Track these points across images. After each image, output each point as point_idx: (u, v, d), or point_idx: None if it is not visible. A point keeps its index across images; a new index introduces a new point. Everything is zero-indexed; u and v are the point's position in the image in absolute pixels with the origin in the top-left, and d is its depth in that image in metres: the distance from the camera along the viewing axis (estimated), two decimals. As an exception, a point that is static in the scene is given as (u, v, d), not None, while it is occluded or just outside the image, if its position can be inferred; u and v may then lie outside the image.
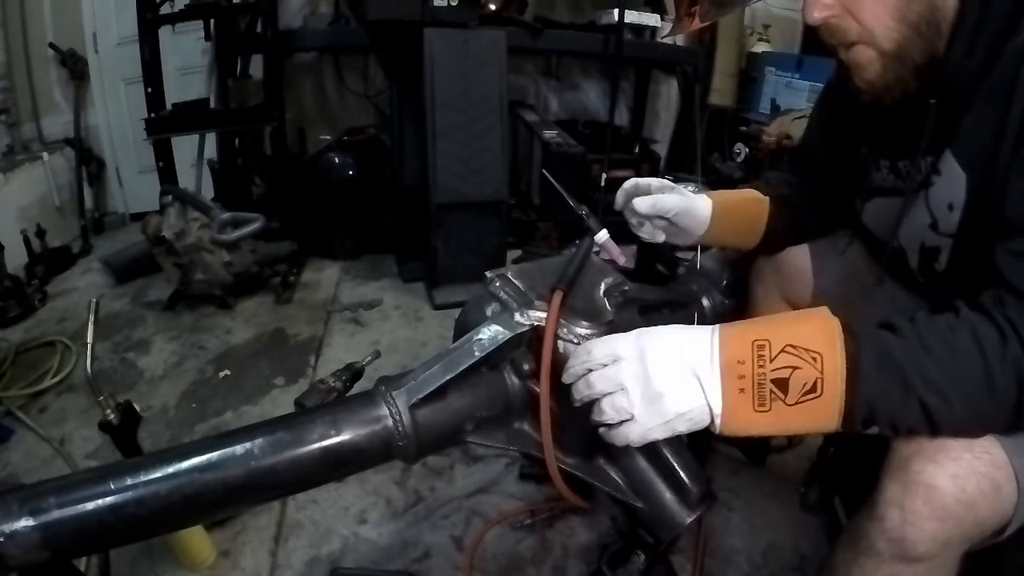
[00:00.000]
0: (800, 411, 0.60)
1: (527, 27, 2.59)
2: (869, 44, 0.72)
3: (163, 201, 2.05)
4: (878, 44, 0.71)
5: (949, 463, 0.61)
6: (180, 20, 2.45)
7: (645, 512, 0.79)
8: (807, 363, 0.59)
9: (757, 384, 0.60)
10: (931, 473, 0.62)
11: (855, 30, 0.71)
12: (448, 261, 2.21)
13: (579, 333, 0.72)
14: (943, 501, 0.61)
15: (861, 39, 0.72)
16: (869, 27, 0.70)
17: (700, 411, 0.62)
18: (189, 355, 1.89)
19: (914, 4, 0.68)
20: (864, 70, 0.74)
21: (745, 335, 0.62)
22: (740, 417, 0.62)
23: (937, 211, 0.78)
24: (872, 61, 0.73)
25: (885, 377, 0.59)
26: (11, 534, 0.51)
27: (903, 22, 0.69)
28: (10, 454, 1.45)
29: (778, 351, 0.60)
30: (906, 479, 0.63)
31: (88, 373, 0.95)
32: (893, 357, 0.59)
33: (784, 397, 0.60)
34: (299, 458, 0.63)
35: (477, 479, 1.38)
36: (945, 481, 0.61)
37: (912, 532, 0.62)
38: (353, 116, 3.05)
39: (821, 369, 0.59)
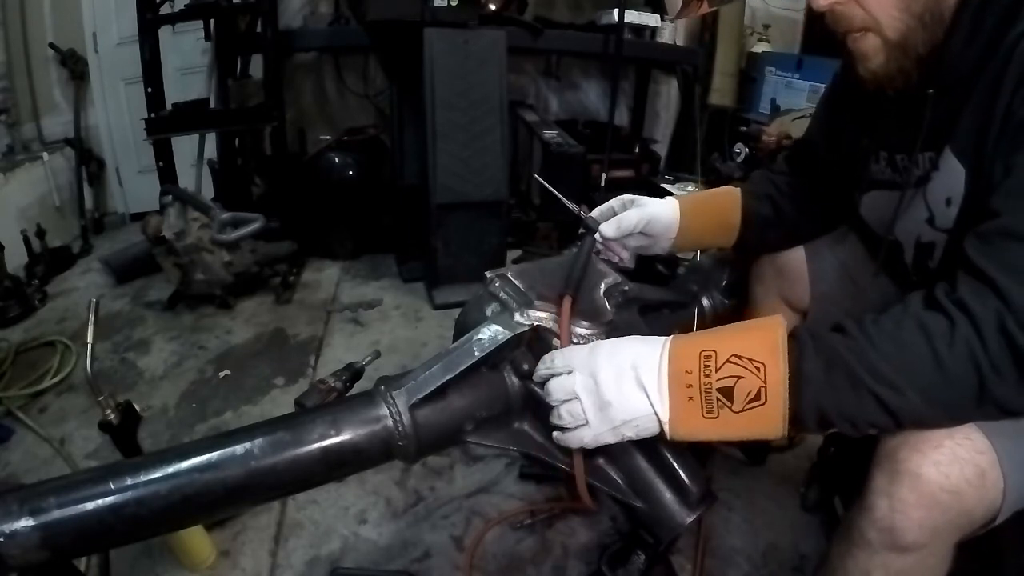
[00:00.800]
0: (746, 418, 0.62)
1: (527, 27, 2.59)
2: (874, 32, 0.72)
3: (163, 201, 2.05)
4: (883, 33, 0.71)
5: (932, 451, 0.62)
6: (180, 20, 2.45)
7: (645, 512, 0.79)
8: (751, 372, 0.62)
9: (704, 393, 0.63)
10: (916, 462, 0.63)
11: (860, 17, 0.71)
12: (448, 261, 2.21)
13: (579, 333, 0.72)
14: (928, 489, 0.62)
15: (866, 27, 0.72)
16: (874, 15, 0.70)
17: (647, 419, 0.66)
18: (189, 355, 1.89)
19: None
20: (868, 59, 0.74)
21: (693, 346, 0.66)
22: (688, 424, 0.65)
23: (935, 206, 0.78)
24: (876, 50, 0.73)
25: (833, 377, 0.61)
26: (11, 534, 0.51)
27: (907, 12, 0.69)
28: (10, 454, 1.45)
29: (723, 361, 0.63)
30: (892, 468, 0.64)
31: (88, 373, 0.95)
32: (839, 356, 0.61)
33: (730, 405, 0.63)
34: (299, 458, 0.63)
35: (477, 479, 1.38)
36: (929, 469, 0.62)
37: (901, 520, 0.63)
38: (353, 116, 3.05)
39: (764, 378, 0.61)
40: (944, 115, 0.74)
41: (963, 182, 0.73)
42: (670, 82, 3.50)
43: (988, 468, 0.62)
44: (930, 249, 0.82)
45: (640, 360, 0.66)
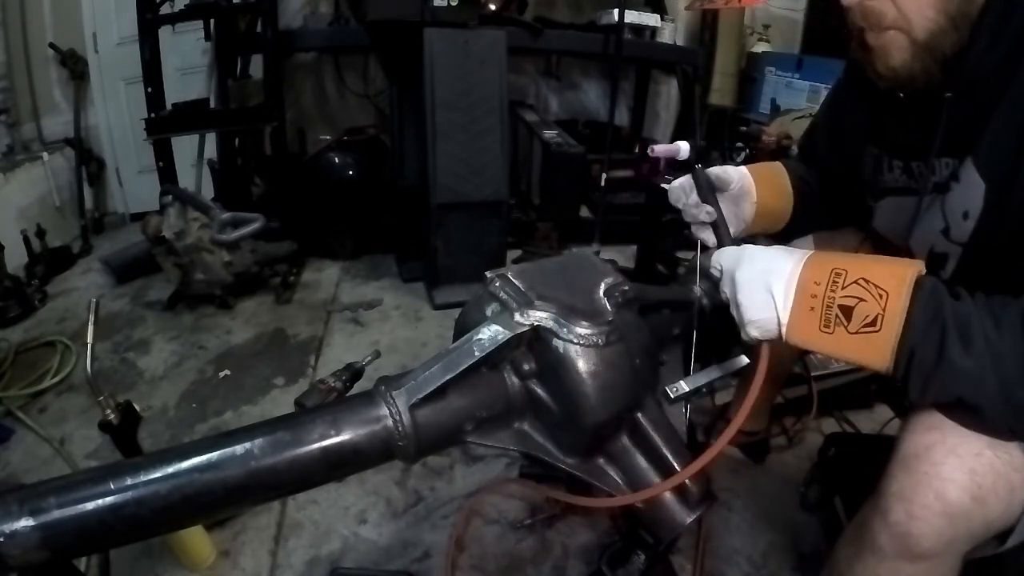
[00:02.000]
0: (859, 341, 0.62)
1: (527, 27, 2.58)
2: (902, 31, 0.70)
3: (163, 201, 2.05)
4: (912, 32, 0.69)
5: (971, 458, 0.60)
6: (180, 20, 2.45)
7: (645, 512, 0.79)
8: (873, 298, 0.62)
9: (825, 307, 0.64)
10: (951, 466, 0.61)
11: (892, 16, 0.69)
12: (448, 261, 2.21)
13: (579, 333, 0.72)
14: (957, 496, 0.60)
15: (896, 25, 0.70)
16: (907, 14, 0.68)
17: (769, 321, 0.68)
18: (189, 355, 1.89)
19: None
20: (891, 56, 0.72)
21: (828, 262, 0.66)
22: (804, 332, 0.66)
23: (951, 217, 0.77)
24: (902, 48, 0.71)
25: (931, 330, 0.59)
26: (11, 534, 0.51)
27: (943, 12, 0.67)
28: (10, 454, 1.45)
29: (851, 282, 0.63)
30: (920, 470, 0.62)
31: (88, 373, 0.95)
32: (943, 308, 0.60)
33: (847, 324, 0.63)
34: (299, 458, 0.63)
35: (477, 479, 1.38)
36: (963, 476, 0.60)
37: (919, 527, 0.62)
38: (353, 116, 3.05)
39: (884, 306, 0.61)
40: (964, 120, 0.72)
41: (982, 197, 0.71)
42: (670, 82, 3.49)
43: (1019, 487, 0.61)
44: (943, 260, 0.80)
45: (774, 267, 0.68)
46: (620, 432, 0.80)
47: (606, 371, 0.72)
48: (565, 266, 0.88)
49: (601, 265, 0.89)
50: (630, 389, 0.75)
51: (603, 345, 0.72)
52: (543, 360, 0.74)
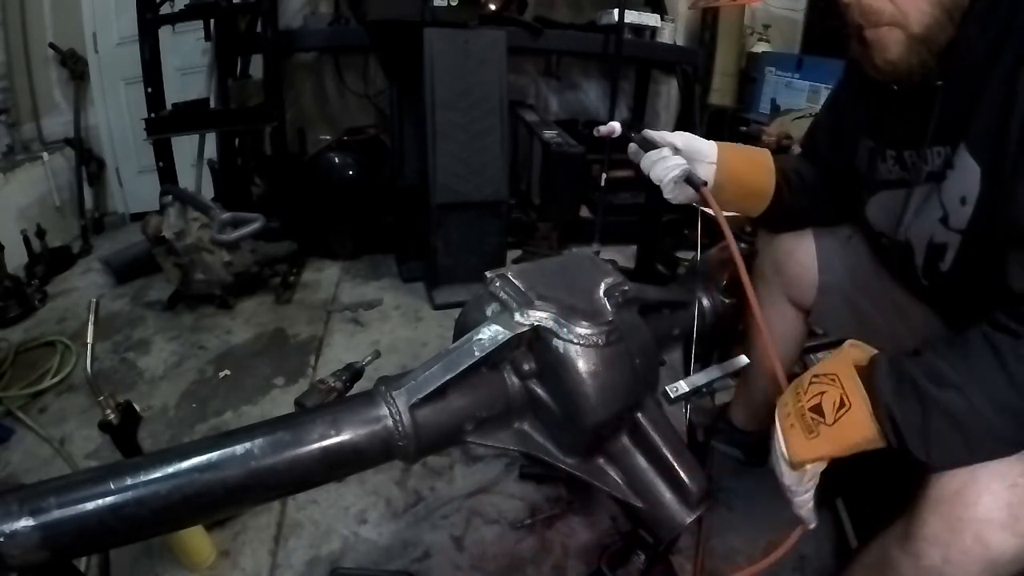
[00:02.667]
0: (841, 427, 0.65)
1: (527, 27, 2.58)
2: (899, 26, 0.70)
3: (163, 201, 2.05)
4: (908, 26, 0.70)
5: (1005, 492, 0.59)
6: (180, 20, 2.45)
7: (645, 512, 0.79)
8: (829, 384, 0.67)
9: (799, 416, 0.69)
10: (986, 505, 0.59)
11: (889, 12, 0.70)
12: (448, 261, 2.21)
13: (579, 333, 0.72)
14: (998, 538, 0.58)
15: (894, 21, 0.70)
16: (903, 9, 0.69)
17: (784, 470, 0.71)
18: (189, 355, 1.89)
19: None
20: (888, 50, 0.73)
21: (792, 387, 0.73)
22: (800, 450, 0.69)
23: (949, 204, 0.77)
24: (899, 42, 0.72)
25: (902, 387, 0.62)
26: (11, 534, 0.51)
27: (938, 5, 0.68)
28: (10, 454, 1.45)
29: (808, 383, 0.70)
30: (953, 514, 0.60)
31: (88, 373, 0.95)
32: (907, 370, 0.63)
33: (823, 419, 0.67)
34: (299, 458, 0.63)
35: (477, 479, 1.38)
36: (1000, 513, 0.58)
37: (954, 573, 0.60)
38: (353, 116, 3.05)
39: (841, 385, 0.66)
40: (956, 108, 0.72)
41: (978, 181, 0.71)
42: (670, 82, 3.49)
43: None
44: (942, 251, 0.80)
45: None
46: (620, 432, 0.80)
47: (606, 371, 0.72)
48: (565, 266, 0.88)
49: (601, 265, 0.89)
50: (630, 389, 0.76)
51: (603, 345, 0.72)
52: (543, 360, 0.74)
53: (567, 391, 0.72)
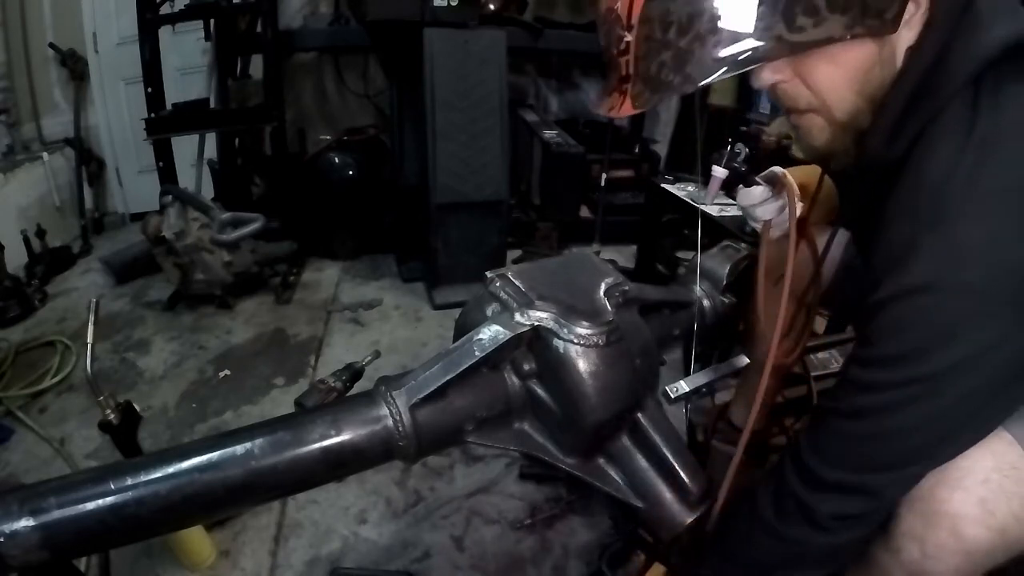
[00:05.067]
0: None
1: (527, 27, 2.59)
2: (819, 113, 0.67)
3: (163, 201, 2.05)
4: (831, 114, 0.66)
5: (978, 487, 0.59)
6: (180, 20, 2.45)
7: (645, 512, 0.79)
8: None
9: None
10: (959, 500, 0.60)
11: (806, 98, 0.65)
12: (448, 261, 2.21)
13: (579, 333, 0.72)
14: (971, 532, 0.59)
15: (812, 107, 0.66)
16: (822, 96, 0.65)
17: None
18: (189, 355, 1.89)
19: (872, 76, 0.63)
20: (812, 136, 0.69)
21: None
22: None
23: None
24: (822, 129, 0.68)
25: None
26: (11, 534, 0.51)
27: (860, 93, 0.64)
28: (10, 454, 1.45)
29: None
30: (928, 510, 0.61)
31: (88, 373, 0.95)
32: None
33: None
34: (299, 458, 0.63)
35: (477, 479, 1.38)
36: (973, 509, 0.59)
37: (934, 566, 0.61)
38: (353, 116, 3.05)
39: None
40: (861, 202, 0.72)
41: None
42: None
43: None
44: None
45: None
46: (620, 432, 0.80)
47: (606, 371, 0.72)
48: (565, 266, 0.88)
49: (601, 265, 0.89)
50: (630, 389, 0.75)
51: (603, 345, 0.72)
52: (543, 360, 0.74)
53: (567, 391, 0.72)
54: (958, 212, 0.55)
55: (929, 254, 0.56)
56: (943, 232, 0.55)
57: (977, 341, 0.55)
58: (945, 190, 0.56)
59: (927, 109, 0.60)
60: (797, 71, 0.63)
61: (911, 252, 0.56)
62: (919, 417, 0.58)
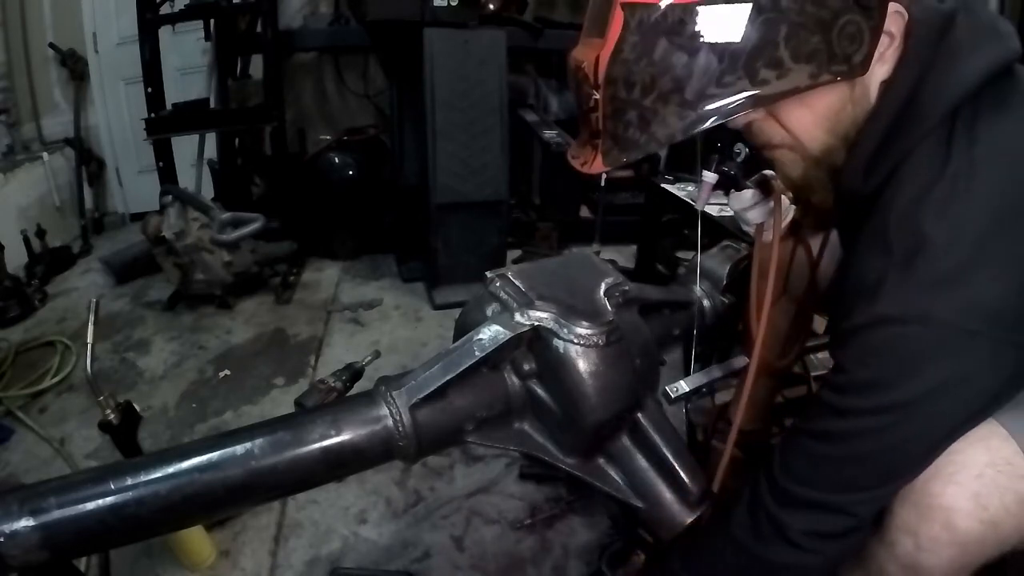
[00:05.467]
0: None
1: (527, 27, 2.59)
2: (792, 150, 0.67)
3: (163, 201, 2.05)
4: (803, 150, 0.66)
5: (972, 482, 0.60)
6: (180, 20, 2.45)
7: (645, 512, 0.79)
8: None
9: None
10: (952, 495, 0.60)
11: (780, 136, 0.66)
12: (448, 261, 2.21)
13: (580, 333, 0.72)
14: (965, 525, 0.59)
15: (785, 144, 0.67)
16: (795, 134, 0.65)
17: None
18: (189, 355, 1.89)
19: (844, 115, 0.63)
20: (787, 168, 0.70)
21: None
22: None
23: None
24: (795, 163, 0.68)
25: None
26: (11, 534, 0.51)
27: (832, 133, 0.64)
28: (10, 454, 1.45)
29: None
30: (921, 503, 0.61)
31: (88, 373, 0.95)
32: None
33: None
34: (299, 458, 0.63)
35: (477, 479, 1.38)
36: (967, 503, 0.59)
37: (928, 559, 0.61)
38: (353, 116, 3.05)
39: None
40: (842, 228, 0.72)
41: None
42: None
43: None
44: None
45: None
46: (620, 432, 0.80)
47: (606, 371, 0.72)
48: (565, 266, 0.88)
49: (601, 265, 0.89)
50: (630, 389, 0.75)
51: (603, 345, 0.72)
52: (543, 360, 0.74)
53: (567, 391, 0.72)
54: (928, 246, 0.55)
55: (898, 286, 0.56)
56: (912, 265, 0.56)
57: (946, 373, 0.56)
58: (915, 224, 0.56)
59: (900, 148, 0.61)
60: (769, 111, 0.64)
61: (880, 284, 0.57)
62: (890, 442, 0.59)
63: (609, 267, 0.88)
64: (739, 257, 1.19)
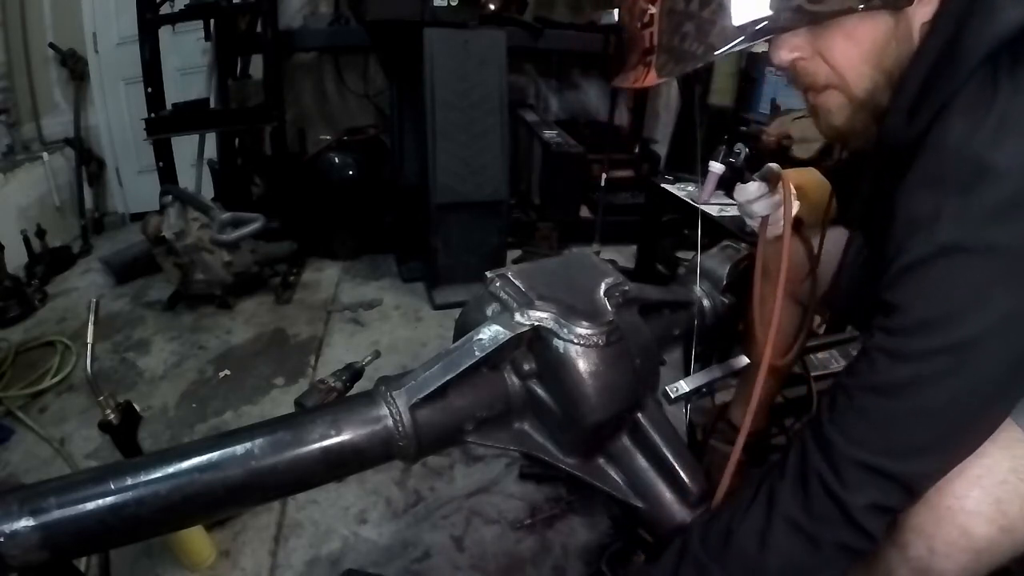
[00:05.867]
0: None
1: (527, 27, 2.59)
2: (839, 89, 0.66)
3: (163, 201, 2.05)
4: (849, 90, 0.65)
5: (995, 487, 0.59)
6: (180, 20, 2.46)
7: (645, 512, 0.79)
8: None
9: None
10: (975, 499, 0.59)
11: (825, 74, 0.65)
12: (448, 261, 2.21)
13: (580, 333, 0.72)
14: (983, 531, 0.58)
15: (831, 83, 0.66)
16: (841, 72, 0.65)
17: None
18: (189, 355, 1.89)
19: (889, 51, 0.63)
20: (832, 115, 0.69)
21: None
22: None
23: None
24: (841, 107, 0.68)
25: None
26: (11, 534, 0.51)
27: (878, 68, 0.64)
28: (10, 454, 1.45)
29: None
30: (941, 505, 0.60)
31: (88, 373, 0.95)
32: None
33: None
34: (299, 458, 0.63)
35: (477, 479, 1.38)
36: (988, 507, 0.59)
37: (941, 563, 0.60)
38: (353, 116, 3.05)
39: None
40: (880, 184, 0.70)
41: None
42: (670, 82, 3.49)
43: None
44: None
45: None
46: (620, 432, 0.80)
47: (606, 371, 0.72)
48: (565, 266, 0.88)
49: (601, 265, 0.89)
50: (630, 389, 0.75)
51: (603, 345, 0.72)
52: (543, 360, 0.74)
53: (567, 391, 0.72)
54: (989, 173, 0.54)
55: (959, 215, 0.55)
56: (973, 193, 0.54)
57: (1009, 304, 0.53)
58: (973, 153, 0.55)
59: (945, 87, 0.60)
60: (816, 48, 0.64)
61: (938, 215, 0.55)
62: (950, 390, 0.56)
63: (609, 267, 0.88)
64: (739, 257, 1.19)
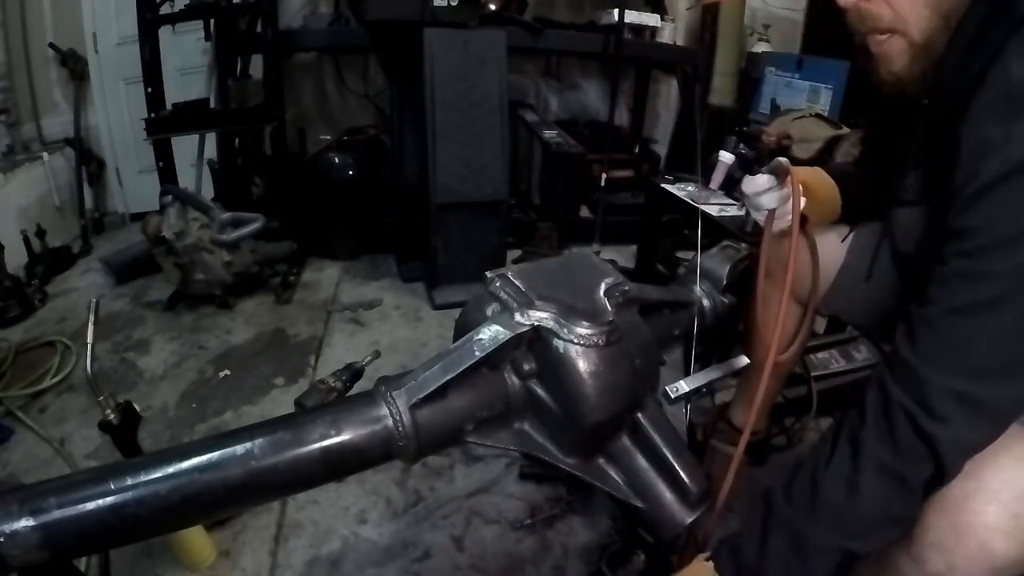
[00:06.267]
0: None
1: (527, 27, 2.59)
2: (900, 33, 0.68)
3: (163, 201, 2.05)
4: (909, 33, 0.68)
5: (1015, 503, 0.59)
6: (180, 20, 2.45)
7: (645, 512, 0.79)
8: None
9: None
10: (994, 514, 0.59)
11: (888, 17, 0.67)
12: (448, 261, 2.21)
13: (580, 333, 0.72)
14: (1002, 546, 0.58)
15: (893, 27, 0.68)
16: (903, 15, 0.67)
17: None
18: (189, 355, 1.89)
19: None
20: (892, 61, 0.71)
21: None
22: None
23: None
24: (902, 52, 0.69)
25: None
26: (11, 534, 0.51)
27: (937, 11, 0.65)
28: (10, 454, 1.45)
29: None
30: (961, 520, 0.60)
31: (88, 373, 0.95)
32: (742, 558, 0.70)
33: None
34: (299, 458, 0.63)
35: (477, 479, 1.38)
36: (1008, 523, 0.58)
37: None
38: (353, 116, 3.05)
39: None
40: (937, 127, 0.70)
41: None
42: (670, 82, 3.49)
43: None
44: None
45: None
46: (620, 432, 0.80)
47: (606, 371, 0.72)
48: (565, 266, 0.88)
49: (601, 265, 0.89)
50: (630, 389, 0.75)
51: (603, 345, 0.72)
52: (543, 360, 0.74)
53: (567, 391, 0.72)
54: None
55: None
56: None
57: None
58: None
59: (1001, 31, 0.61)
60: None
61: (1010, 136, 0.56)
62: None
63: (609, 267, 0.88)
64: (739, 257, 1.19)
